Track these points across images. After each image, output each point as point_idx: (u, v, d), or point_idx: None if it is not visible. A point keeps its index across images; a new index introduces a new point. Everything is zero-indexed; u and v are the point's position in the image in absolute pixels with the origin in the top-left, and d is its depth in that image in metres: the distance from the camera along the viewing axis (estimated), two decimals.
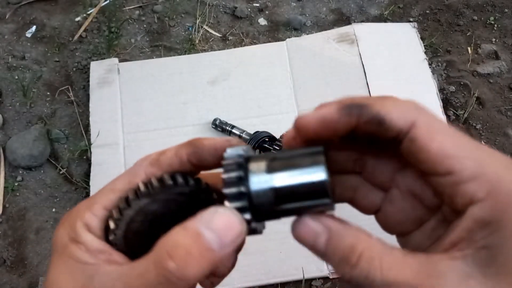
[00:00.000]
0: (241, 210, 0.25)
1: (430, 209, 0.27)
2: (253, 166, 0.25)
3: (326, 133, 0.26)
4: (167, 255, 0.22)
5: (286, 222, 0.69)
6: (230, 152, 0.25)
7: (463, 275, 0.23)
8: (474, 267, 0.23)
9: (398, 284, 0.23)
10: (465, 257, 0.23)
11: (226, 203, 0.24)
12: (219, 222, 0.23)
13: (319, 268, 0.75)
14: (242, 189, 0.24)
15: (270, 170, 0.25)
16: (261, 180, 0.25)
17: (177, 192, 0.25)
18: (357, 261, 0.24)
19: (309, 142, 0.27)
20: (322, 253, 0.25)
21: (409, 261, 0.24)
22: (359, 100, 0.25)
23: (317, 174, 0.24)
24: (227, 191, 0.24)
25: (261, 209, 0.25)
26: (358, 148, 0.28)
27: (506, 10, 1.03)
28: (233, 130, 0.84)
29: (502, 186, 0.23)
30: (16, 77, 0.95)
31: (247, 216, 0.25)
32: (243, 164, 0.25)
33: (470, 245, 0.23)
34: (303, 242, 0.25)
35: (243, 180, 0.24)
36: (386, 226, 0.29)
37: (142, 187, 0.26)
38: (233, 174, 0.24)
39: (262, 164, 0.25)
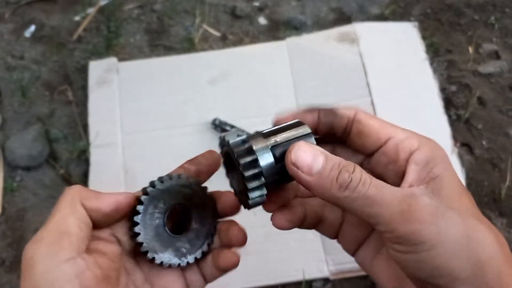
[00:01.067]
0: (258, 188, 0.31)
1: (370, 229, 0.35)
2: (253, 142, 0.31)
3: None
4: None
5: None
6: (232, 139, 0.31)
7: (430, 198, 0.29)
8: (431, 194, 0.29)
9: (382, 185, 0.29)
10: (424, 190, 0.29)
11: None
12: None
13: (319, 269, 0.74)
14: (257, 170, 0.30)
15: (266, 138, 0.31)
16: (263, 149, 0.31)
17: (182, 184, 0.35)
18: (354, 168, 0.29)
19: None
20: (319, 172, 0.29)
21: (388, 186, 0.29)
22: (318, 106, 0.35)
23: (301, 127, 0.32)
24: (246, 172, 0.30)
25: (270, 178, 0.31)
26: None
27: (507, 10, 1.03)
28: None
29: (424, 139, 0.32)
30: (15, 77, 0.95)
31: (264, 191, 0.31)
32: (249, 146, 0.31)
33: (421, 182, 0.30)
34: (302, 164, 0.29)
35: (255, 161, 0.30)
36: (345, 246, 0.38)
37: (164, 176, 0.35)
38: (248, 159, 0.30)
39: (259, 138, 0.31)
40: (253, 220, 0.80)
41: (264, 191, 0.31)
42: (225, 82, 0.91)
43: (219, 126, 0.84)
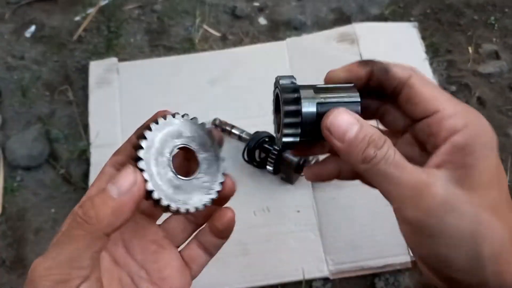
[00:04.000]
0: (293, 125, 0.32)
1: (428, 154, 0.33)
2: (303, 93, 0.33)
3: (351, 81, 0.35)
4: (78, 206, 0.29)
5: (285, 223, 0.70)
6: (284, 82, 0.34)
7: (447, 183, 0.29)
8: (455, 180, 0.29)
9: (403, 166, 0.29)
10: (448, 173, 0.29)
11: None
12: (119, 176, 0.29)
13: (319, 269, 0.74)
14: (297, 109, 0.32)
15: (316, 94, 0.33)
16: (310, 104, 0.33)
17: (184, 123, 0.35)
18: (383, 144, 0.29)
19: None
20: (350, 141, 0.30)
21: (409, 167, 0.30)
22: (373, 59, 0.35)
23: (352, 92, 0.33)
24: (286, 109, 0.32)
25: (308, 126, 0.32)
26: (380, 100, 0.36)
27: (507, 10, 1.03)
28: (233, 130, 0.84)
29: (473, 120, 0.31)
30: (15, 77, 0.95)
31: (297, 139, 0.33)
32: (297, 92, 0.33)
33: (451, 165, 0.29)
34: (336, 129, 0.30)
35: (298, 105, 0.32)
36: None
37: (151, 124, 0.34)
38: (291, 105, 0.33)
39: (310, 92, 0.33)
40: (253, 220, 0.80)
41: (297, 139, 0.33)
42: (225, 82, 0.91)
43: (219, 126, 0.84)
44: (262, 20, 1.03)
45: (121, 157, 0.36)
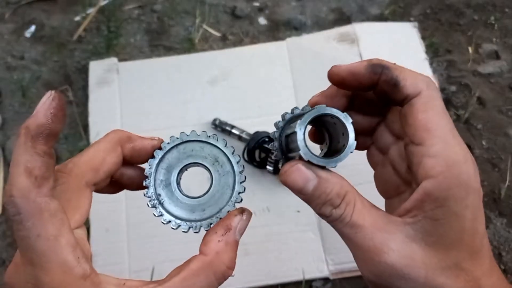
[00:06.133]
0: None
1: (405, 183, 0.32)
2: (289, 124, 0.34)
3: (353, 84, 0.33)
4: (227, 268, 0.30)
5: (285, 223, 0.70)
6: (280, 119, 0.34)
7: (408, 237, 0.28)
8: (419, 233, 0.28)
9: (358, 227, 0.29)
10: (414, 223, 0.29)
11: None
12: (238, 222, 0.31)
13: (319, 269, 0.74)
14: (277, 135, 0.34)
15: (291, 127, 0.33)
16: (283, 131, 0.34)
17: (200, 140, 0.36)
18: (340, 203, 0.29)
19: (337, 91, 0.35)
20: (308, 196, 0.30)
21: (373, 213, 0.30)
22: (385, 63, 0.32)
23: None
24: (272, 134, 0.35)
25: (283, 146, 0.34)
26: (374, 120, 0.36)
27: (507, 10, 1.03)
28: (233, 130, 0.83)
29: (454, 170, 0.28)
30: (15, 77, 0.95)
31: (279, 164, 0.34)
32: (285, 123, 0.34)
33: (420, 214, 0.28)
34: (293, 185, 0.30)
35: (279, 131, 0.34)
36: (377, 186, 0.36)
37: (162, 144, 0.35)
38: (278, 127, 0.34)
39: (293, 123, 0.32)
40: (254, 220, 0.80)
41: (279, 164, 0.34)
42: (225, 82, 0.91)
43: (219, 126, 0.84)
44: (262, 20, 1.03)
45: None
